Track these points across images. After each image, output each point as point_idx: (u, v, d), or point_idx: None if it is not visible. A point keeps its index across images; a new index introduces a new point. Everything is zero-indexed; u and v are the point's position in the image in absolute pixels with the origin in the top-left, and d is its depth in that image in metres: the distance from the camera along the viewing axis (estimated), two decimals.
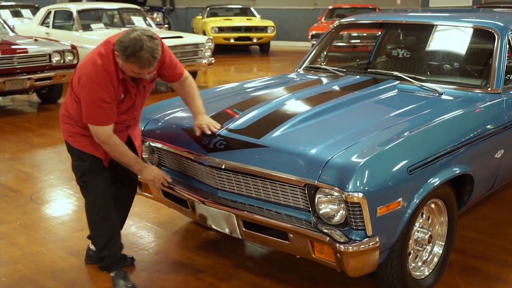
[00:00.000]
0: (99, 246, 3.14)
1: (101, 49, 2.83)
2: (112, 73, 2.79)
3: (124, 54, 2.68)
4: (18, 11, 14.09)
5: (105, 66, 2.77)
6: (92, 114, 2.82)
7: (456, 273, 3.30)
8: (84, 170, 3.04)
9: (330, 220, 2.58)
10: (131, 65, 2.73)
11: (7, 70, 7.64)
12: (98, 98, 2.78)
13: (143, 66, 2.72)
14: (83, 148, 3.02)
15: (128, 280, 3.13)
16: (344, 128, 2.89)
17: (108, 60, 2.78)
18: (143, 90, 3.02)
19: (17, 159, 5.83)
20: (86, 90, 2.79)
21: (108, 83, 2.78)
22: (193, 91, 3.17)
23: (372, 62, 4.83)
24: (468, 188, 3.18)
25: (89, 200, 3.09)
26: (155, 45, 2.71)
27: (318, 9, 18.68)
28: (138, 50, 2.65)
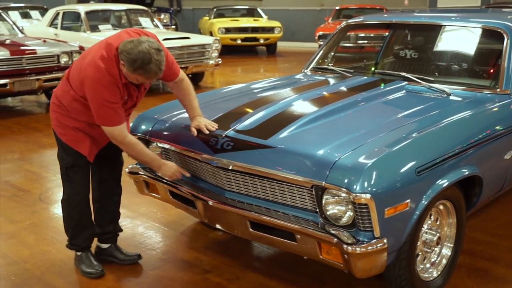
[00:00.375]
0: (70, 235, 3.30)
1: (103, 51, 2.85)
2: (116, 76, 2.84)
3: (131, 66, 2.75)
4: (27, 13, 14.16)
5: (108, 69, 2.81)
6: (103, 117, 2.89)
7: (465, 275, 3.28)
8: (68, 164, 3.15)
9: (337, 221, 2.57)
10: (137, 76, 2.80)
11: (16, 71, 7.70)
12: (106, 100, 2.83)
13: (149, 78, 2.82)
14: (68, 142, 3.10)
15: (93, 263, 3.29)
16: (352, 129, 2.88)
17: (112, 64, 2.83)
18: (143, 90, 3.13)
19: (25, 159, 5.86)
20: (93, 93, 2.84)
21: (113, 85, 2.84)
22: (190, 93, 3.20)
23: (380, 62, 4.82)
24: (477, 190, 3.16)
25: (67, 193, 3.21)
26: (162, 57, 2.78)
27: (325, 9, 18.66)
28: (146, 63, 2.72)
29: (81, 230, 3.27)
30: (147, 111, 3.61)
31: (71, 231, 3.29)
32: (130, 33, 2.93)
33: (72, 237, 3.30)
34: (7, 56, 7.60)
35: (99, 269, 3.28)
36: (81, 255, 3.34)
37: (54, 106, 3.13)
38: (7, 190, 4.82)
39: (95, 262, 3.31)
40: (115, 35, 2.94)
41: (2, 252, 3.62)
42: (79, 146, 3.10)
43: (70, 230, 3.30)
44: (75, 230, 3.27)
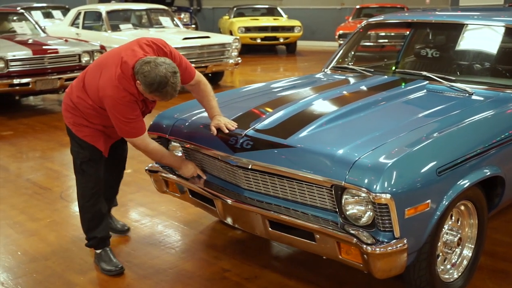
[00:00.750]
0: (86, 229, 3.38)
1: (119, 70, 2.91)
2: (136, 95, 2.94)
3: (148, 88, 2.84)
4: (49, 12, 14.34)
5: (127, 89, 2.91)
6: (126, 131, 3.01)
7: (486, 277, 3.24)
8: (84, 158, 3.22)
9: (357, 221, 2.56)
10: (153, 96, 2.93)
11: (38, 70, 7.80)
12: (127, 118, 2.95)
13: (164, 98, 2.93)
14: (85, 138, 3.18)
15: (113, 261, 3.36)
16: (372, 129, 2.86)
17: (130, 83, 2.91)
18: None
19: (47, 157, 5.93)
20: (115, 112, 2.95)
21: (133, 103, 2.95)
22: (207, 93, 3.24)
23: (400, 62, 4.77)
24: (499, 190, 3.12)
25: (83, 187, 3.29)
26: (178, 79, 2.87)
27: (345, 8, 18.58)
28: (163, 87, 2.83)
29: (97, 223, 3.35)
30: (167, 110, 3.62)
31: (87, 225, 3.37)
32: (143, 47, 2.98)
33: (89, 230, 3.37)
34: (30, 55, 7.71)
35: (118, 266, 3.33)
36: (100, 253, 3.39)
37: (69, 108, 3.20)
38: (28, 188, 4.89)
39: (115, 259, 3.37)
40: (129, 51, 2.96)
41: (24, 249, 3.67)
42: (96, 142, 3.20)
43: (86, 224, 3.37)
44: (91, 224, 3.35)
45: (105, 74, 2.95)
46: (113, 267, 3.32)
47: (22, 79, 7.64)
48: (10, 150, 6.17)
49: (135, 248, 3.67)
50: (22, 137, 6.83)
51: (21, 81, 7.64)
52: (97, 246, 3.40)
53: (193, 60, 9.46)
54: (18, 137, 6.83)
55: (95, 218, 3.33)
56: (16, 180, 5.12)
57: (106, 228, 3.42)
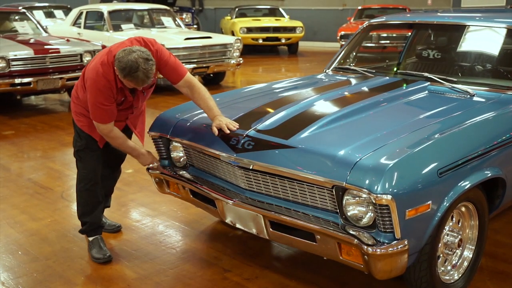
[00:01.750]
0: (81, 213, 3.54)
1: (104, 57, 3.13)
2: (112, 82, 3.12)
3: (121, 72, 3.02)
4: (51, 12, 14.36)
5: (105, 74, 3.09)
6: (95, 114, 3.21)
7: (486, 278, 3.24)
8: (81, 147, 3.46)
9: (358, 222, 2.56)
10: (127, 81, 3.08)
11: (39, 70, 7.81)
12: (99, 102, 3.14)
13: (137, 84, 3.07)
14: (82, 127, 3.41)
15: (103, 249, 3.52)
16: (373, 130, 2.86)
17: (109, 70, 3.10)
18: (142, 94, 3.37)
19: (48, 157, 5.94)
20: (90, 94, 3.16)
21: (108, 90, 3.12)
22: (203, 95, 3.28)
23: (402, 63, 4.78)
24: (500, 192, 3.12)
25: (80, 173, 3.50)
26: (150, 66, 3.01)
27: (347, 9, 18.59)
28: (134, 71, 2.98)
29: (90, 209, 3.51)
30: (168, 110, 3.63)
31: (81, 209, 3.54)
32: (133, 41, 3.19)
33: (82, 215, 3.54)
34: (31, 55, 7.72)
35: (106, 254, 3.49)
36: (92, 240, 3.56)
37: (73, 97, 3.44)
38: (29, 188, 4.89)
39: (104, 248, 3.53)
40: (119, 43, 3.21)
41: (25, 249, 3.67)
42: (92, 132, 3.38)
43: (80, 208, 3.54)
44: (84, 209, 3.52)
45: (94, 60, 3.20)
46: (102, 255, 3.47)
47: (23, 79, 7.64)
48: (12, 150, 6.17)
49: (136, 248, 3.67)
50: (23, 136, 6.84)
51: (22, 81, 7.64)
52: (89, 233, 3.56)
53: (194, 60, 9.47)
54: (20, 136, 6.83)
55: (88, 203, 3.50)
56: (17, 180, 5.12)
57: (98, 216, 3.56)
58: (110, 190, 3.87)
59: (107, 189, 3.77)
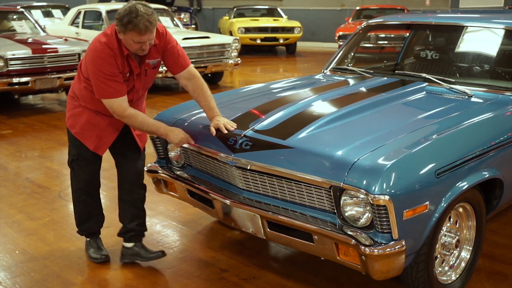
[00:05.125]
0: (78, 221, 3.47)
1: (106, 30, 3.01)
2: (115, 49, 2.94)
3: (122, 24, 2.83)
4: (49, 12, 14.33)
5: (108, 43, 2.93)
6: (101, 88, 2.96)
7: (484, 279, 3.24)
8: (73, 156, 3.30)
9: (355, 223, 2.56)
10: (130, 34, 2.85)
11: (38, 69, 7.80)
12: (103, 72, 2.91)
13: (141, 32, 2.83)
14: (76, 135, 3.22)
15: (100, 249, 3.47)
16: (371, 130, 2.87)
17: (112, 38, 2.94)
18: (144, 73, 3.13)
19: (46, 156, 5.93)
20: (92, 66, 2.94)
21: (110, 58, 2.92)
22: (204, 92, 3.20)
23: (400, 63, 4.78)
24: (497, 193, 3.12)
25: (73, 185, 3.38)
26: (150, 11, 2.85)
27: (346, 9, 18.59)
28: (134, 16, 2.79)
29: (86, 219, 3.44)
30: (166, 110, 3.63)
31: (77, 219, 3.47)
32: None
33: (79, 224, 3.48)
34: (29, 54, 7.71)
35: (103, 254, 3.44)
36: (89, 241, 3.51)
37: (69, 98, 3.28)
38: (27, 187, 4.89)
39: (102, 248, 3.48)
40: None
41: (22, 248, 3.67)
42: (86, 139, 3.20)
43: (76, 217, 3.47)
44: (81, 218, 3.45)
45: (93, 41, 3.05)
46: (99, 255, 3.43)
47: (21, 78, 7.63)
48: (9, 149, 6.16)
49: None
50: (21, 136, 6.83)
51: (20, 80, 7.63)
52: (87, 236, 3.53)
53: (193, 60, 9.43)
54: (17, 136, 6.83)
55: (84, 212, 3.42)
56: (15, 179, 5.12)
57: (95, 225, 3.48)
58: (134, 216, 3.37)
59: (128, 214, 3.37)
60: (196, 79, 3.21)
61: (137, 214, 3.39)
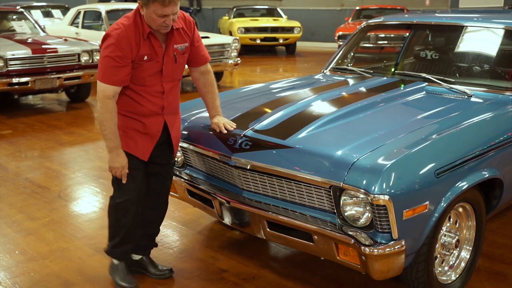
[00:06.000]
0: (112, 243, 3.12)
1: (128, 13, 2.89)
2: (134, 29, 2.78)
3: None
4: (49, 12, 14.33)
5: (125, 23, 2.79)
6: (101, 66, 2.80)
7: (484, 279, 3.24)
8: None
9: (355, 222, 2.56)
10: (153, 6, 2.69)
11: (37, 69, 7.80)
12: (110, 52, 2.74)
13: (164, 2, 2.67)
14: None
15: (129, 277, 3.12)
16: (371, 130, 2.87)
17: (131, 18, 2.81)
18: (173, 59, 2.92)
19: (46, 156, 5.93)
20: (102, 47, 2.80)
21: (123, 39, 2.74)
22: (213, 90, 3.19)
23: (400, 63, 4.78)
24: (497, 192, 3.12)
25: (115, 200, 3.04)
26: None
27: (345, 9, 18.59)
28: None
29: (128, 239, 3.10)
30: None
31: (112, 239, 3.11)
32: None
33: (113, 245, 3.11)
34: (29, 54, 7.70)
35: (132, 283, 3.11)
36: (117, 265, 3.15)
37: None
38: (27, 187, 4.88)
39: (130, 275, 3.16)
40: None
41: (22, 248, 3.67)
42: (130, 147, 2.92)
43: (111, 237, 3.12)
44: (119, 240, 3.08)
45: None
46: (127, 284, 3.10)
47: (21, 78, 7.62)
48: (9, 149, 6.16)
49: None
50: (21, 136, 6.82)
51: (20, 80, 7.62)
52: (117, 256, 3.15)
53: None
54: (17, 136, 6.82)
55: (122, 236, 3.07)
56: (15, 179, 5.12)
57: (131, 241, 3.13)
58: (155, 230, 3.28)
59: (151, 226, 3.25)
60: (210, 74, 3.19)
61: (153, 231, 3.30)
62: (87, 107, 8.75)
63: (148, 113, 2.92)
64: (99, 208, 4.43)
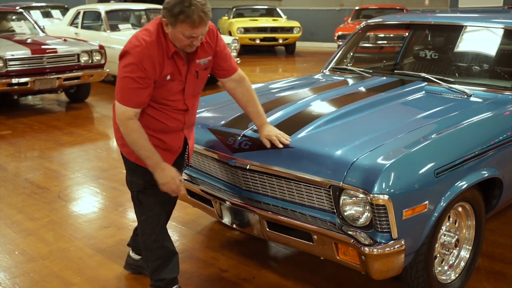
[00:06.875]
0: (151, 270, 2.91)
1: (148, 25, 2.60)
2: (157, 47, 2.52)
3: (172, 15, 2.41)
4: (48, 12, 14.32)
5: (148, 40, 2.50)
6: (119, 88, 2.55)
7: (483, 278, 3.24)
8: (138, 187, 2.81)
9: (355, 222, 2.56)
10: (181, 27, 2.43)
11: (37, 70, 7.79)
12: (130, 72, 2.49)
13: (194, 24, 2.42)
14: (137, 161, 2.72)
15: None
16: (370, 130, 2.87)
17: (154, 34, 2.53)
18: (195, 75, 2.70)
19: (45, 157, 5.93)
20: (121, 65, 2.53)
21: (146, 58, 2.49)
22: (253, 98, 2.90)
23: (399, 63, 4.79)
24: (497, 192, 3.13)
25: (141, 221, 2.86)
26: (204, 0, 2.45)
27: (345, 9, 18.60)
28: (187, 6, 2.39)
29: (165, 263, 2.90)
30: None
31: (152, 265, 2.90)
32: None
33: (154, 272, 2.89)
34: (28, 54, 7.70)
35: None
36: None
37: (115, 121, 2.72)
38: (27, 188, 4.88)
39: None
40: None
41: (21, 249, 3.67)
42: None
43: (151, 264, 2.90)
44: (156, 264, 2.89)
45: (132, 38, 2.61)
46: None
47: (20, 79, 7.62)
48: (9, 150, 6.16)
49: None
50: (20, 136, 6.82)
51: (19, 81, 7.62)
52: (165, 286, 2.92)
53: None
54: (17, 136, 6.82)
55: (161, 257, 2.88)
56: (14, 180, 5.11)
57: (176, 267, 2.94)
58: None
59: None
60: (246, 81, 2.90)
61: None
62: (86, 108, 8.75)
63: (168, 130, 2.73)
64: (98, 208, 4.43)
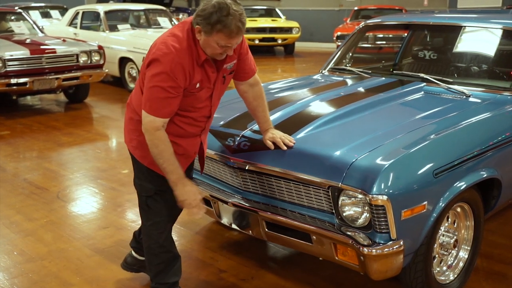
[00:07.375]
0: (154, 274, 2.86)
1: (176, 30, 2.49)
2: (188, 55, 2.43)
3: (208, 23, 2.32)
4: (47, 12, 14.32)
5: (179, 48, 2.41)
6: (148, 99, 2.44)
7: (482, 279, 3.25)
8: (148, 193, 2.74)
9: (353, 223, 2.56)
10: (217, 36, 2.35)
11: (36, 70, 7.79)
12: (159, 85, 2.40)
13: (231, 34, 2.34)
14: (151, 166, 2.64)
15: None
16: (369, 130, 2.87)
17: (184, 41, 2.43)
18: (222, 81, 2.66)
19: (44, 157, 5.92)
20: (152, 71, 2.41)
21: (177, 67, 2.39)
22: (263, 102, 2.88)
23: (398, 63, 4.79)
24: (495, 192, 3.13)
25: (148, 225, 2.79)
26: (241, 9, 2.36)
27: (344, 10, 18.62)
28: (224, 15, 2.30)
29: (167, 268, 2.85)
30: None
31: (154, 269, 2.84)
32: None
33: (156, 276, 2.85)
34: (27, 55, 7.69)
35: None
36: None
37: (132, 123, 2.67)
38: (25, 188, 4.88)
39: None
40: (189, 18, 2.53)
41: (20, 249, 3.66)
42: None
43: (153, 268, 2.84)
44: (159, 268, 2.84)
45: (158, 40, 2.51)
46: None
47: (19, 79, 7.61)
48: (7, 150, 6.16)
49: None
50: (19, 137, 6.82)
51: (18, 81, 7.61)
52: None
53: None
54: (15, 137, 6.82)
55: (165, 261, 2.83)
56: (13, 180, 5.11)
57: (178, 271, 2.89)
58: None
59: None
60: (259, 85, 2.87)
61: None
62: (85, 108, 8.75)
63: (186, 135, 2.66)
64: (97, 208, 4.43)
